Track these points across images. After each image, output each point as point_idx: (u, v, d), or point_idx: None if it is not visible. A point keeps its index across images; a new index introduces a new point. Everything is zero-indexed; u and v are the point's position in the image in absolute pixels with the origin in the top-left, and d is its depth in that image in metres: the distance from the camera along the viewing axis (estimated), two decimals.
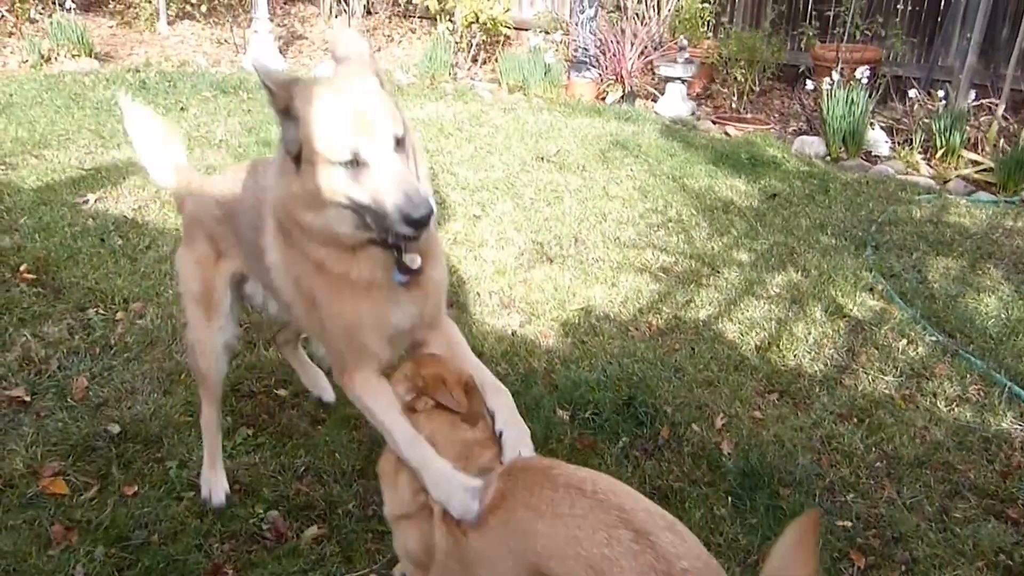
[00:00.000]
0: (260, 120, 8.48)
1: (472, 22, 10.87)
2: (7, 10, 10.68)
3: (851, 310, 5.16)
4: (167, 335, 4.55)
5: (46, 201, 6.10)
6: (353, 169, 2.30)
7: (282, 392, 4.16)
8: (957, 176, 7.93)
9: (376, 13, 13.42)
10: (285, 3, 14.00)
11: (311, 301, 2.67)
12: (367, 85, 2.39)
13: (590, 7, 10.13)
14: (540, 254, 5.78)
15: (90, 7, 13.02)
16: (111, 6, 13.29)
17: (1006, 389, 4.34)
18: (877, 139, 8.62)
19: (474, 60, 11.22)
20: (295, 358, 4.06)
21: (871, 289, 5.47)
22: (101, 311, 4.74)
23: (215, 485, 3.42)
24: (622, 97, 10.08)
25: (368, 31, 12.99)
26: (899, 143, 8.60)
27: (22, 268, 5.07)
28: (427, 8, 11.47)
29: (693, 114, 9.89)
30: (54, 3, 10.80)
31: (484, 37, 11.23)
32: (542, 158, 7.80)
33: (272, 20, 11.62)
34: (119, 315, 4.70)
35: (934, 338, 4.85)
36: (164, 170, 3.50)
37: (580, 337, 4.77)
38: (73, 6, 10.53)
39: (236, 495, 3.44)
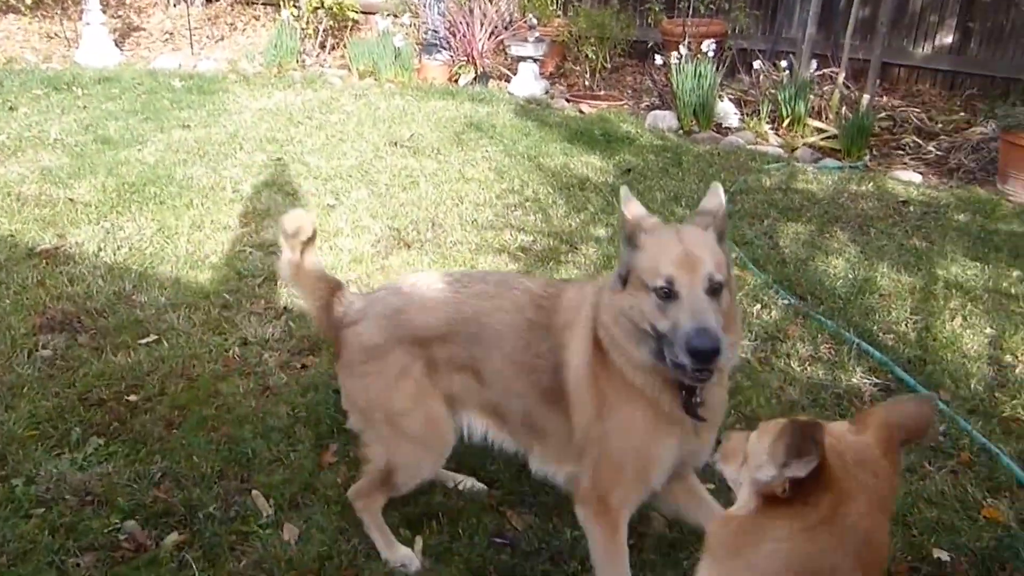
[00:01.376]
0: (97, 116, 8.05)
1: (318, 7, 10.58)
2: None
3: None
4: (6, 346, 4.27)
5: None
6: (664, 299, 2.45)
7: (133, 398, 3.97)
8: (804, 144, 8.21)
9: (217, 1, 12.93)
10: None
11: (602, 412, 2.71)
12: (703, 235, 2.56)
13: None
14: (397, 240, 5.68)
15: None
16: None
17: (854, 346, 4.50)
18: (727, 111, 8.84)
19: (322, 46, 10.94)
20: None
21: None
22: None
23: (406, 555, 3.13)
24: (475, 78, 10.02)
25: (209, 20, 12.51)
26: (748, 114, 8.85)
27: None
28: None
29: (547, 93, 9.91)
30: None
31: (331, 22, 10.95)
32: (396, 143, 7.67)
33: (105, 12, 11.01)
34: None
35: (786, 301, 4.99)
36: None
37: None
38: None
39: (90, 507, 3.29)
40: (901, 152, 8.28)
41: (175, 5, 12.80)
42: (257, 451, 3.63)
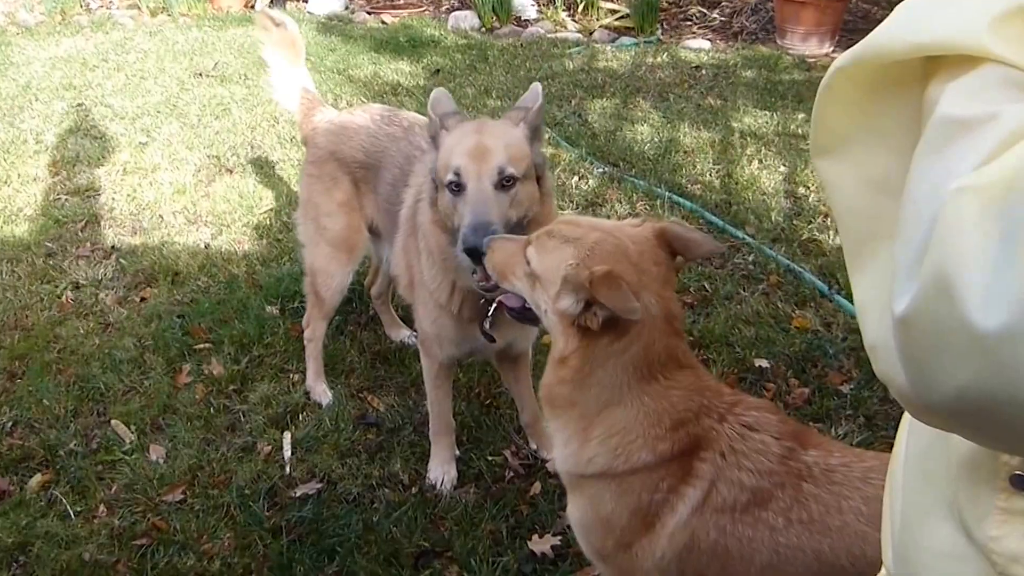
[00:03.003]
0: None
1: None
2: None
3: None
4: None
5: None
6: (454, 193, 2.46)
7: None
8: (600, 27, 8.51)
9: None
10: None
11: (413, 276, 2.97)
12: (506, 129, 2.56)
13: None
14: (218, 167, 5.63)
15: None
16: None
17: (667, 199, 4.85)
18: (524, 4, 9.01)
19: None
20: (385, 311, 3.97)
21: None
22: None
23: (322, 390, 3.57)
24: (271, 2, 9.79)
25: None
26: (544, 5, 9.05)
27: None
28: None
29: (347, 8, 9.80)
30: None
31: None
32: (201, 74, 7.47)
33: None
34: None
35: (601, 170, 5.28)
36: (290, 92, 3.61)
37: (275, 237, 4.75)
38: None
39: None
40: (689, 23, 8.74)
41: None
42: (109, 385, 3.65)
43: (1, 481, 3.17)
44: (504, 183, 2.44)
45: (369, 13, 9.61)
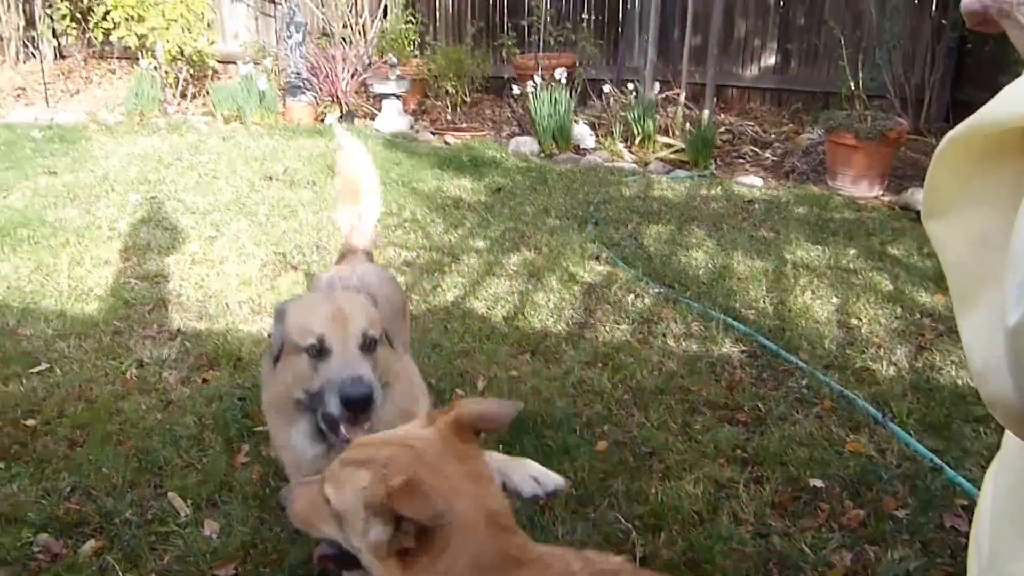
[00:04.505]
0: None
1: (176, 57, 10.59)
2: None
3: (583, 277, 5.63)
4: None
5: None
6: (316, 357, 2.45)
7: (31, 422, 3.96)
8: (656, 159, 8.77)
9: (69, 56, 12.73)
10: None
11: None
12: (355, 297, 2.64)
13: (297, 32, 10.20)
14: (284, 263, 5.82)
15: None
16: None
17: (721, 322, 4.92)
18: (583, 133, 9.34)
19: (183, 95, 10.91)
20: None
21: (597, 257, 5.97)
22: None
23: None
24: (340, 117, 10.23)
25: (62, 75, 12.28)
26: (602, 136, 9.36)
27: None
28: (125, 48, 11.01)
29: (412, 128, 10.21)
30: None
31: (191, 71, 10.98)
32: (270, 177, 7.79)
33: None
34: None
35: (656, 290, 5.39)
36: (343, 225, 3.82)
37: None
38: None
39: None
40: (742, 160, 8.99)
41: (25, 61, 12.51)
42: (168, 459, 3.70)
43: (56, 544, 3.20)
44: (367, 345, 2.49)
45: (433, 133, 10.00)
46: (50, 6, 12.02)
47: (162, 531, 3.29)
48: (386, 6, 11.20)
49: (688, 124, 9.13)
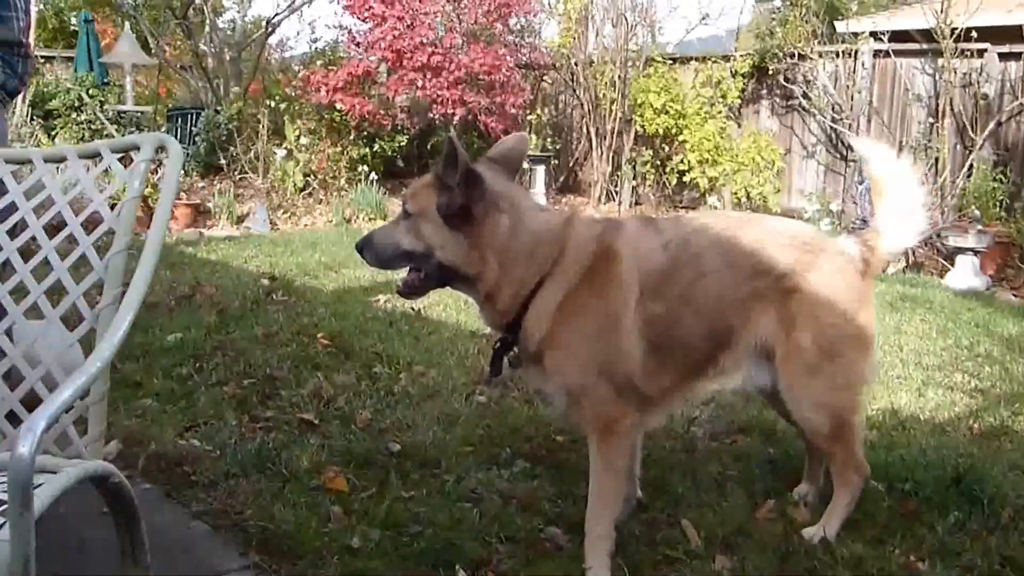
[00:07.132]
0: None
1: (740, 199, 10.86)
2: (318, 184, 11.91)
3: None
4: (447, 391, 4.56)
5: (342, 299, 6.54)
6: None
7: (560, 439, 4.01)
8: None
9: (644, 202, 13.69)
10: None
11: None
12: (423, 176, 3.00)
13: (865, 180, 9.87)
14: None
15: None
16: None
17: None
18: None
19: None
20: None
21: None
22: (386, 368, 4.87)
23: None
24: (906, 266, 9.55)
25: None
26: None
27: (319, 336, 5.36)
28: (693, 198, 11.58)
29: (988, 289, 9.08)
30: (357, 180, 11.86)
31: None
32: None
33: None
34: (402, 374, 4.82)
35: None
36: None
37: (887, 432, 4.29)
38: (375, 179, 11.61)
39: (513, 507, 3.33)
40: None
41: (605, 203, 13.76)
42: (684, 494, 3.48)
43: (562, 538, 3.13)
44: (405, 215, 2.82)
45: (1015, 296, 8.82)
46: (637, 154, 12.99)
47: (669, 554, 3.05)
48: (972, 164, 10.39)
49: None
